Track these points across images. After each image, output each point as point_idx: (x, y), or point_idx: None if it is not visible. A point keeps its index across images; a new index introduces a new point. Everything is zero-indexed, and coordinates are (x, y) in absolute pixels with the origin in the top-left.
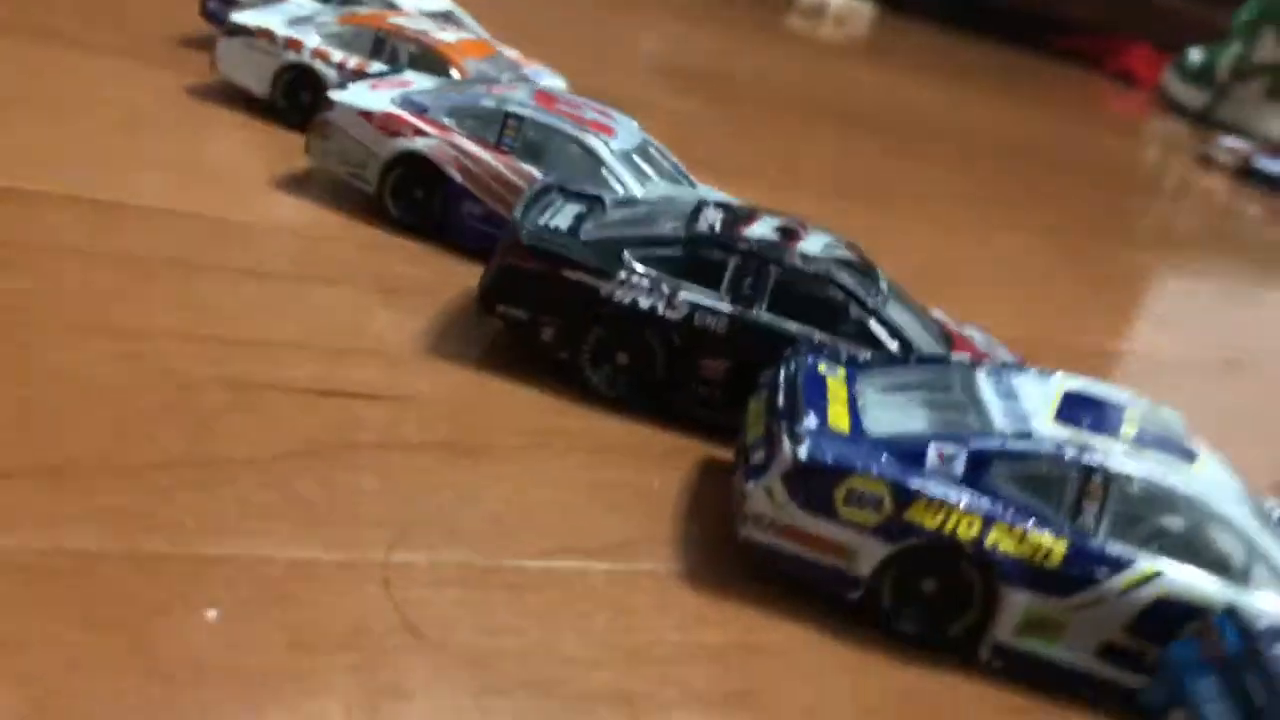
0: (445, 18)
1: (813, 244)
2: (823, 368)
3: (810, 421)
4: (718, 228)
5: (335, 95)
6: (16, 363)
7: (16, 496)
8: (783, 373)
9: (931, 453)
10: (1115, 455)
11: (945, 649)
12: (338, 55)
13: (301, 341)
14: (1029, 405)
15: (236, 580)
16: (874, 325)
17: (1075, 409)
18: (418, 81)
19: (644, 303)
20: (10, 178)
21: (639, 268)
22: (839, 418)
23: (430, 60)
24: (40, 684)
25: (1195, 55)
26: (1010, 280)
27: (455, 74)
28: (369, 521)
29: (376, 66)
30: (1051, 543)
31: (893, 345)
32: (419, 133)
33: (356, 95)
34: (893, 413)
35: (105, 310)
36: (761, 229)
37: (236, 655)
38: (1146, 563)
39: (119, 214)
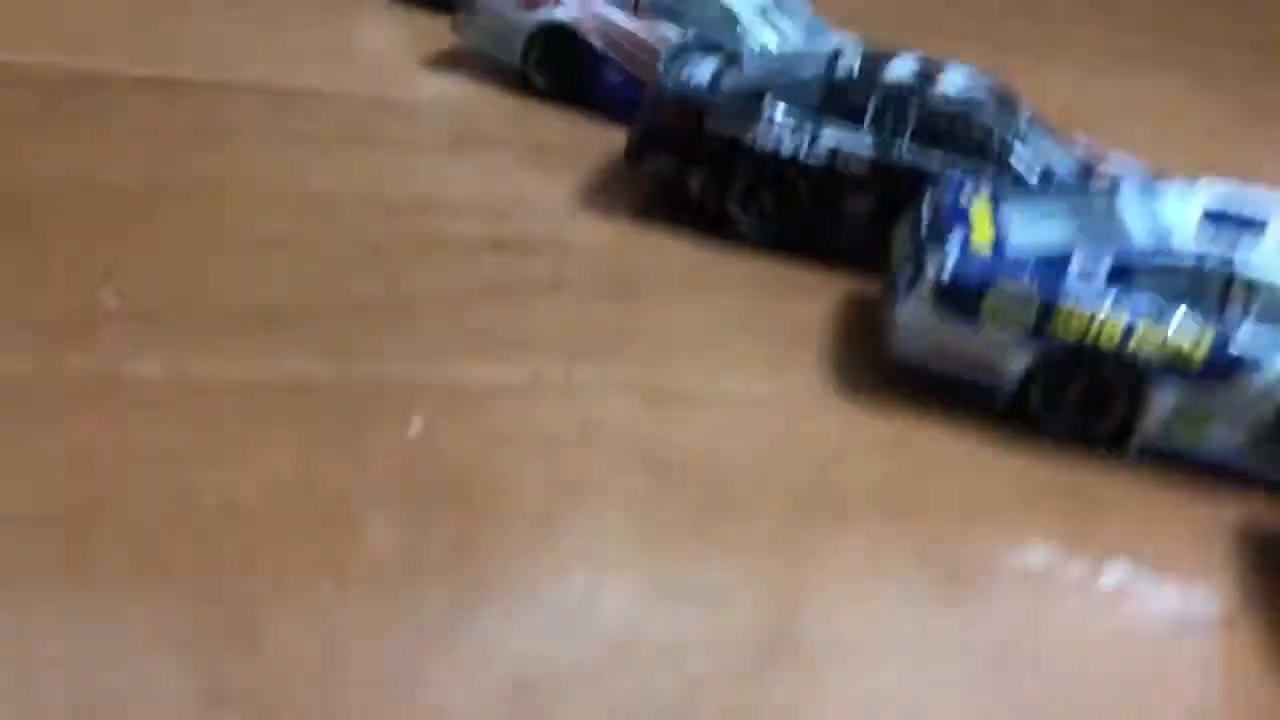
0: None
1: (953, 80)
2: (966, 197)
3: (954, 242)
4: (856, 70)
5: None
6: (221, 229)
7: (238, 336)
8: (927, 199)
9: (1075, 263)
10: (1257, 262)
11: (1094, 445)
12: None
13: (468, 203)
14: (1172, 217)
15: (438, 398)
16: (1015, 158)
17: (1219, 218)
18: None
19: (786, 146)
20: (198, 70)
21: (780, 113)
22: (982, 237)
23: None
24: (284, 477)
25: None
26: (1159, 125)
27: None
28: (546, 347)
29: None
30: (1194, 342)
31: (1033, 179)
32: (558, 3)
33: None
34: (1036, 231)
35: (291, 181)
36: (901, 69)
37: (440, 455)
38: None
39: (291, 99)
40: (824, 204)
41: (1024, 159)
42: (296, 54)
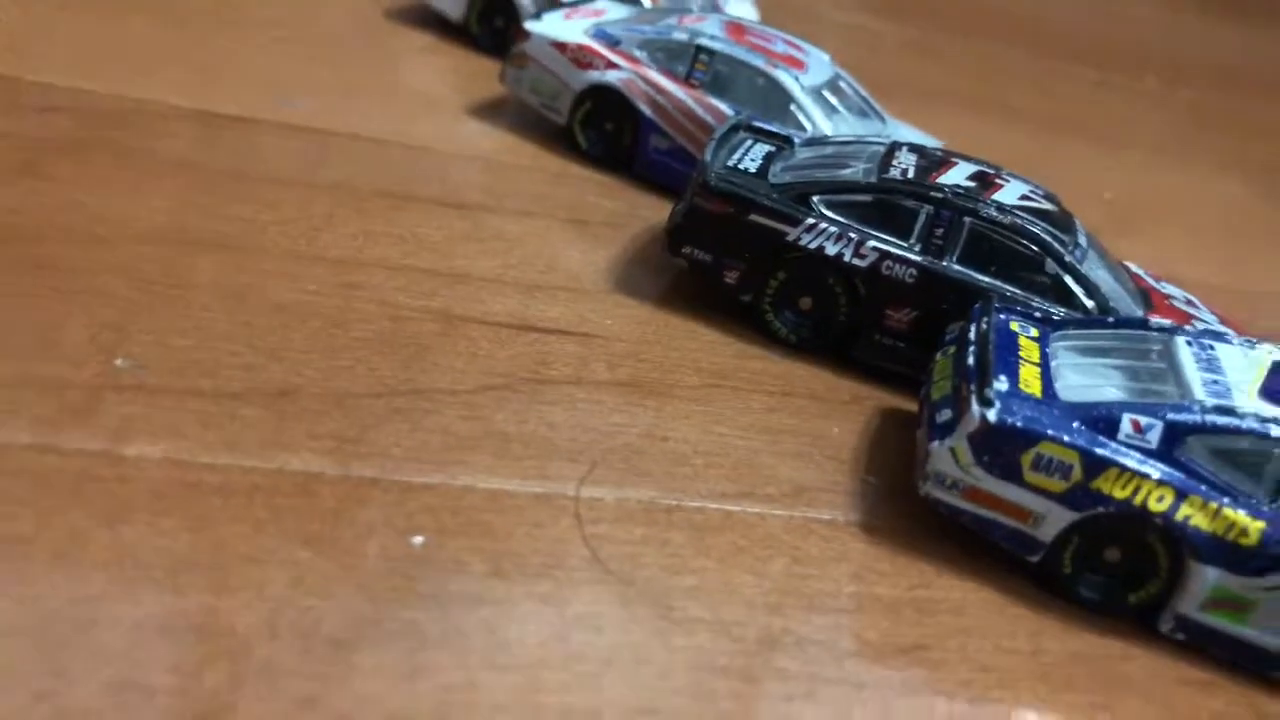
0: None
1: (1009, 193)
2: (1015, 325)
3: (1001, 383)
4: (910, 174)
5: (531, 26)
6: (243, 289)
7: (246, 420)
8: (973, 329)
9: (1126, 422)
10: None
11: (1124, 616)
12: None
13: (499, 275)
14: (1232, 377)
15: (440, 508)
16: (1070, 281)
17: None
18: (610, 10)
19: (831, 249)
20: (239, 105)
21: (827, 213)
22: (1031, 379)
23: None
24: (272, 598)
25: None
26: (1215, 227)
27: (646, 1)
28: (561, 456)
29: None
30: (1248, 521)
31: (1089, 304)
32: (611, 65)
33: (551, 26)
34: (1087, 377)
35: (319, 242)
36: (956, 175)
37: (440, 579)
38: None
39: (329, 142)
40: (865, 311)
41: (1079, 285)
42: (340, 92)
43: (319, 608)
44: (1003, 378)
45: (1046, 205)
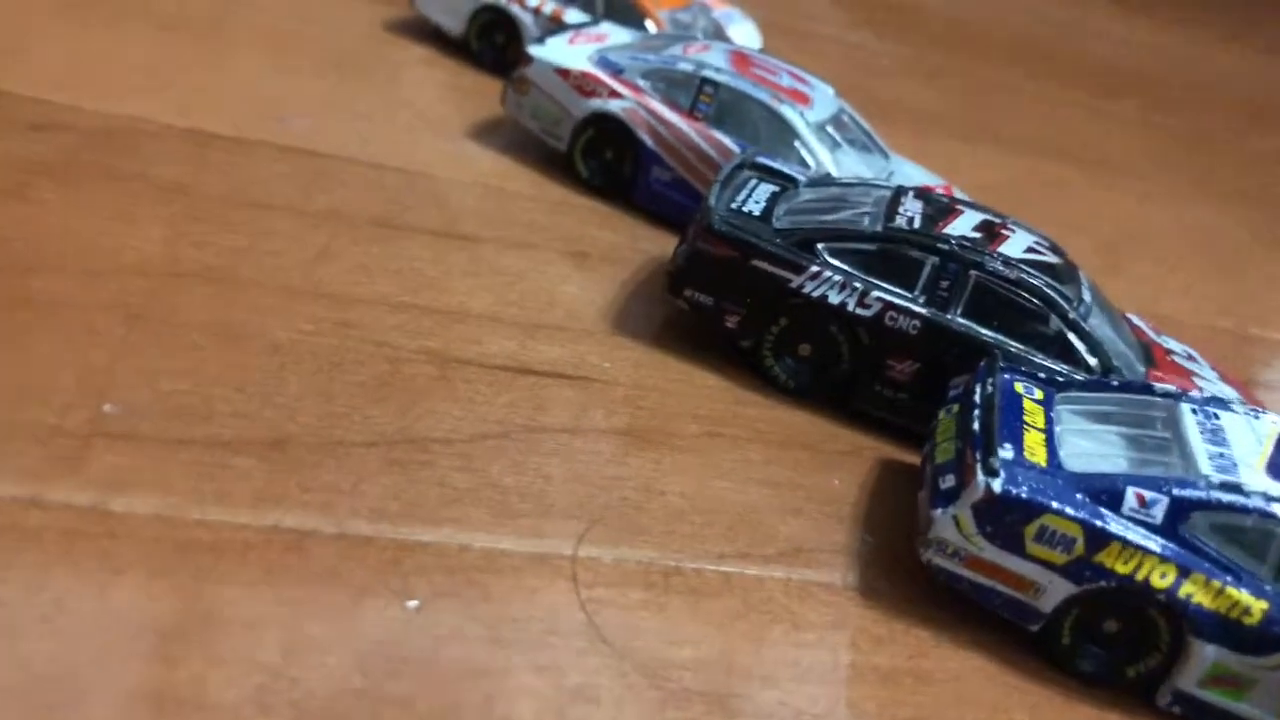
0: None
1: (1015, 245)
2: (1020, 387)
3: (1006, 451)
4: (917, 223)
5: (534, 50)
6: (237, 328)
7: (239, 471)
8: (978, 389)
9: (1130, 495)
10: None
11: (1122, 689)
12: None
13: (497, 313)
14: (1238, 450)
15: (435, 568)
16: (1073, 338)
17: None
18: (614, 35)
19: (834, 298)
20: (234, 124)
21: (832, 261)
22: (1035, 448)
23: (626, 9)
24: (264, 668)
25: None
26: (1207, 259)
27: (651, 25)
28: (558, 512)
29: (573, 14)
30: (1251, 600)
31: (1091, 361)
32: (614, 94)
33: (554, 51)
34: (1091, 446)
35: (312, 275)
36: (962, 226)
37: (436, 646)
38: None
39: (325, 165)
40: (866, 361)
41: (1082, 341)
42: (337, 111)
43: (310, 679)
44: (1008, 445)
45: (1051, 258)
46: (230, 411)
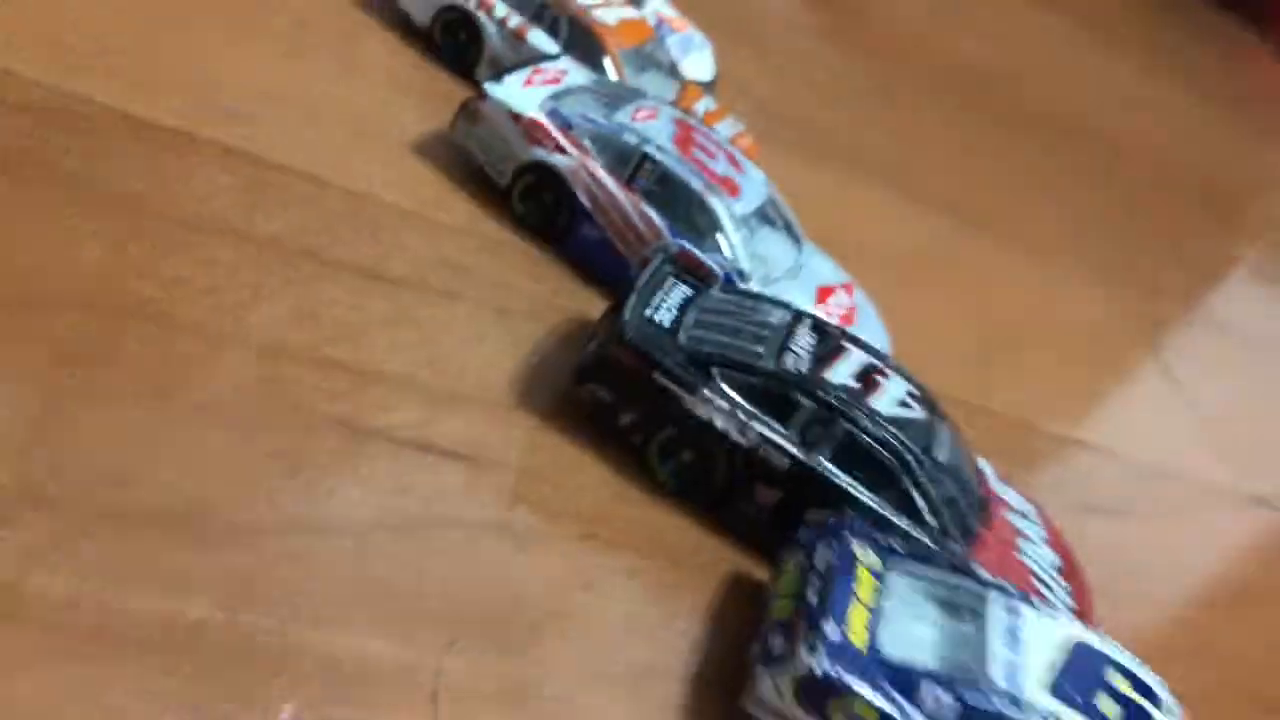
0: None
1: (889, 396)
2: (859, 551)
3: (832, 631)
4: (805, 362)
5: (490, 88)
6: (167, 384)
7: (148, 547)
8: (819, 553)
9: (927, 694)
10: None
11: None
12: (501, 10)
13: (410, 377)
14: (1030, 658)
15: (310, 677)
16: (917, 498)
17: (1076, 679)
18: (571, 75)
19: (719, 423)
20: (180, 113)
21: (724, 387)
22: (859, 627)
23: (585, 41)
24: None
25: None
26: (1084, 359)
27: (608, 64)
28: (430, 617)
29: (536, 34)
30: None
31: (932, 522)
32: (559, 149)
33: (509, 92)
34: (907, 630)
35: (240, 320)
36: (844, 372)
37: None
38: None
39: (270, 179)
40: (738, 483)
41: (925, 502)
42: (286, 107)
43: None
44: (832, 625)
45: (917, 413)
46: (153, 482)
